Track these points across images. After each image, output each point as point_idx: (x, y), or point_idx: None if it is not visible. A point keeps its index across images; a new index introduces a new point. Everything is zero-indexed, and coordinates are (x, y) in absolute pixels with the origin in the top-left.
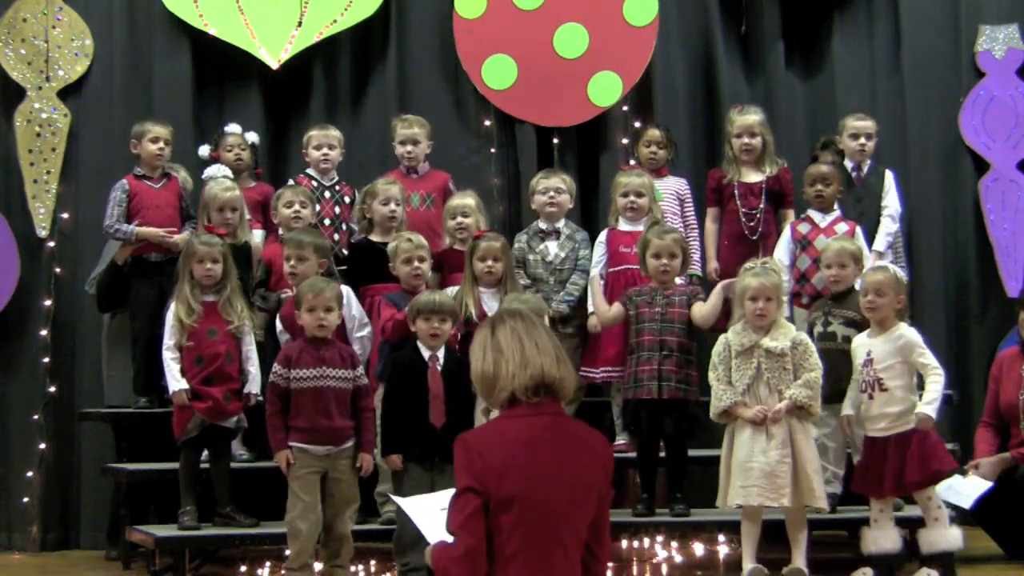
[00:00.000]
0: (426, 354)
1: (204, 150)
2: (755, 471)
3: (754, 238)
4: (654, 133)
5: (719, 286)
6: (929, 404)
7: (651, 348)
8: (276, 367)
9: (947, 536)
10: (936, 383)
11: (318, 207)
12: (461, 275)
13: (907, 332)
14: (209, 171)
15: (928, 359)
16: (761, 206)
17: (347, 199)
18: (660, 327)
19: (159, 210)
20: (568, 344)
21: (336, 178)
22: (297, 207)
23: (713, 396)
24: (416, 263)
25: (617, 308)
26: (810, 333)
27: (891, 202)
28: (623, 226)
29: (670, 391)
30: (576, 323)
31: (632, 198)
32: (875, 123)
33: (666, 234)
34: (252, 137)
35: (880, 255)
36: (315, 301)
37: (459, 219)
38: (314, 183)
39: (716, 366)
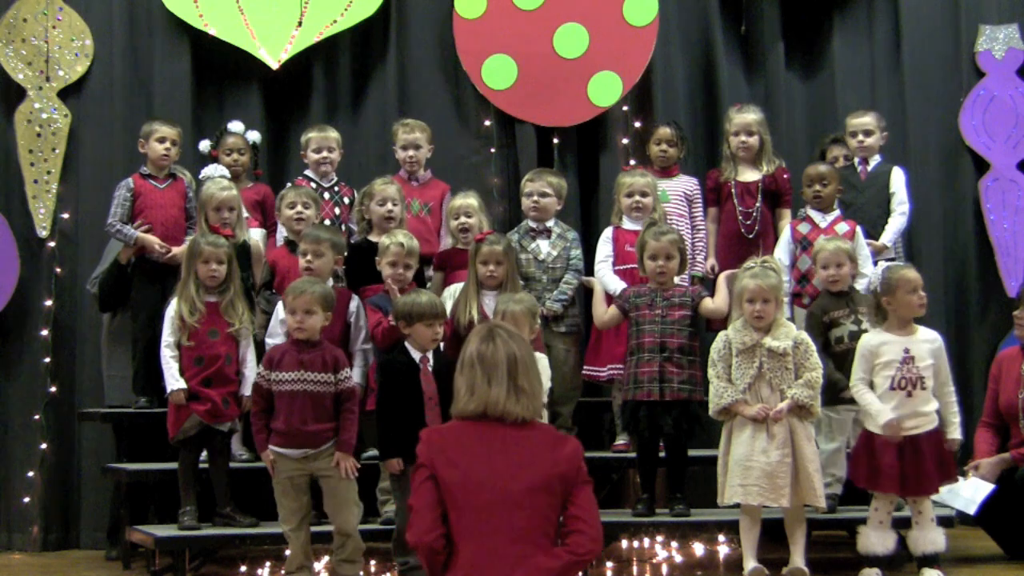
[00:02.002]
0: (416, 356)
1: (204, 145)
2: (755, 470)
3: (751, 236)
4: (665, 131)
5: (722, 277)
6: (959, 428)
7: (652, 350)
8: (260, 368)
9: (937, 537)
10: (955, 404)
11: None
12: (463, 273)
13: (939, 337)
14: (206, 171)
15: (948, 373)
16: (757, 204)
17: (346, 200)
18: (661, 328)
19: (163, 210)
20: (562, 343)
21: (335, 179)
22: (300, 208)
23: (713, 393)
24: (401, 269)
25: (613, 312)
26: (827, 330)
27: (903, 199)
28: (628, 225)
29: (672, 393)
30: (569, 322)
31: (637, 198)
32: (876, 118)
33: (662, 235)
34: (253, 136)
35: (885, 248)
36: (295, 303)
37: (462, 219)
38: (313, 184)
39: (715, 363)
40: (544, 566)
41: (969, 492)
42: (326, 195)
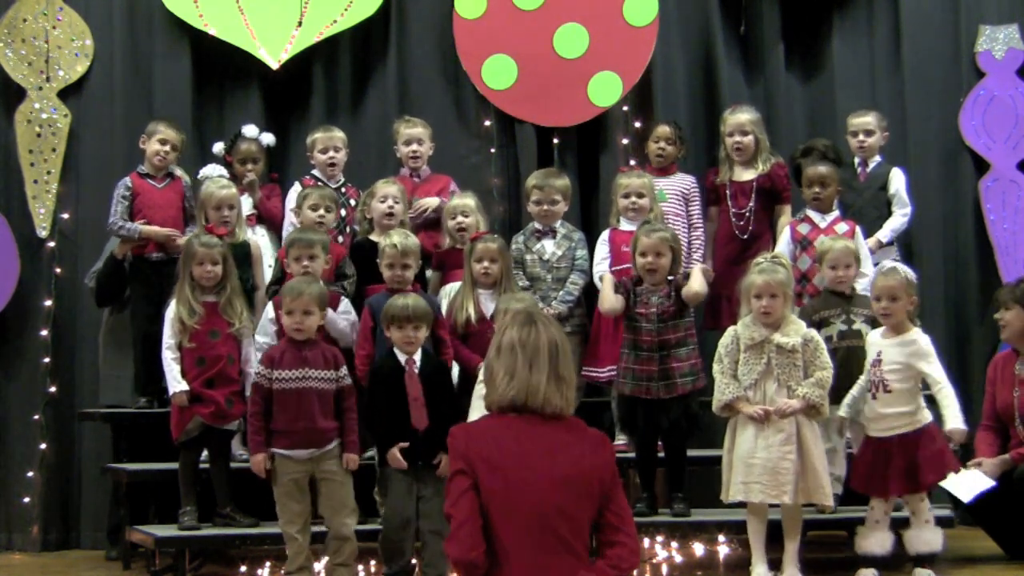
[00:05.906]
0: (402, 359)
1: (218, 147)
2: (757, 467)
3: (744, 237)
4: (663, 129)
5: (696, 268)
6: (956, 418)
7: (651, 348)
8: (259, 367)
9: (933, 537)
10: (949, 396)
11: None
12: (461, 273)
13: (920, 339)
14: (204, 171)
15: (935, 371)
16: (751, 205)
17: (352, 201)
18: (658, 327)
19: (161, 210)
20: (568, 343)
21: (342, 180)
22: (322, 211)
23: (716, 389)
24: (399, 270)
25: (618, 300)
26: (817, 330)
27: (904, 201)
28: (624, 226)
29: (681, 388)
30: (575, 322)
31: (633, 199)
32: (877, 118)
33: (653, 232)
34: (268, 139)
35: (881, 244)
36: (293, 304)
37: (459, 219)
38: (319, 185)
39: (722, 358)
40: None
41: (968, 482)
42: None
